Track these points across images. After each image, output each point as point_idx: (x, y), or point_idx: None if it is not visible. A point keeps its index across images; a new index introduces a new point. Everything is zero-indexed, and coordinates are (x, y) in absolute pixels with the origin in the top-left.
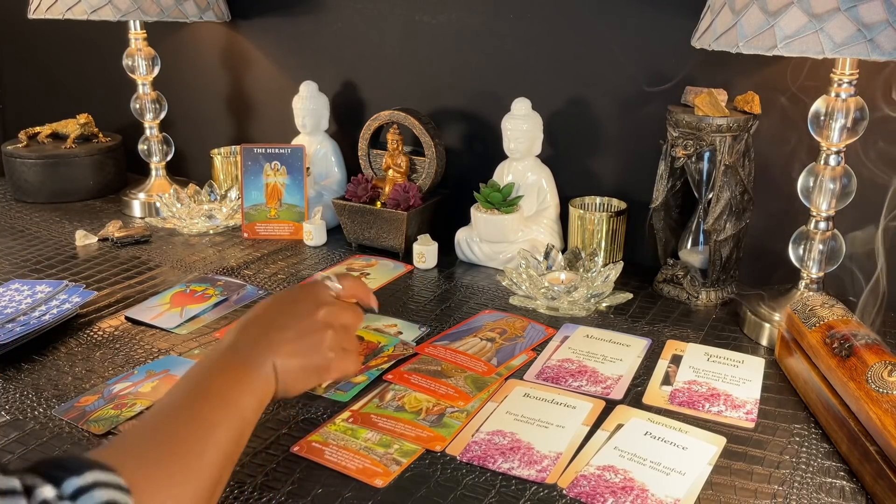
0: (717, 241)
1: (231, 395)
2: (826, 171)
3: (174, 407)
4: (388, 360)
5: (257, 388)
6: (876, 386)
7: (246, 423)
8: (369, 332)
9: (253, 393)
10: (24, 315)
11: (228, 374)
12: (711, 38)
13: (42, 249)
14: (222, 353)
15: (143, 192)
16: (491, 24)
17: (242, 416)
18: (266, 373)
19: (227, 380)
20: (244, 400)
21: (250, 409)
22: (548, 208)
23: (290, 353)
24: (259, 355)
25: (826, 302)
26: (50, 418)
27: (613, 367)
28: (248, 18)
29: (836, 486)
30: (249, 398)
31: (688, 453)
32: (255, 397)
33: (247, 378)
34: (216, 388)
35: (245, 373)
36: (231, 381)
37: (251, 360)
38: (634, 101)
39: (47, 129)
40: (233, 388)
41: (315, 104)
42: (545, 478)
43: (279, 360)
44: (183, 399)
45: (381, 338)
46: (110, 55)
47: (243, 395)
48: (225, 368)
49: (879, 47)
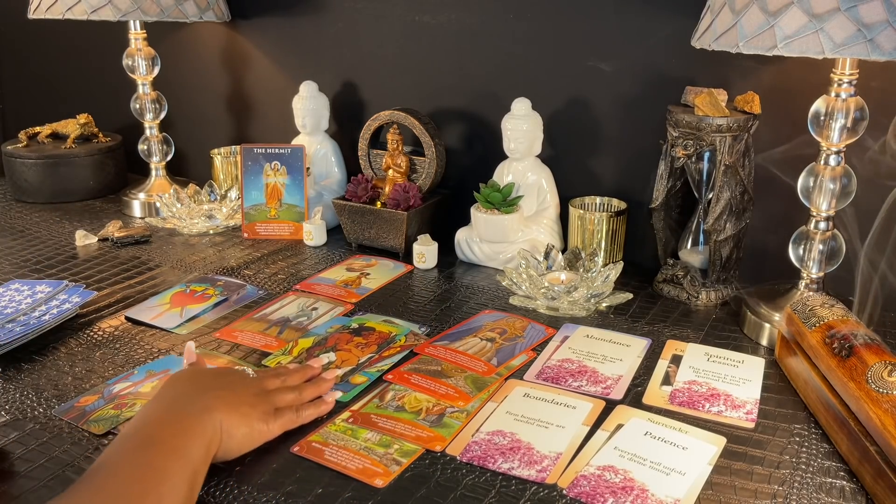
0: (717, 241)
1: (180, 443)
2: (826, 171)
3: (124, 459)
4: (401, 350)
5: (205, 437)
6: (876, 386)
7: (197, 474)
8: (381, 324)
9: (202, 441)
10: (24, 315)
11: (175, 424)
12: (711, 38)
13: (42, 249)
14: (163, 407)
15: (143, 193)
16: (491, 24)
17: (193, 465)
18: (214, 422)
19: (176, 430)
20: (194, 448)
21: (199, 457)
22: (548, 208)
23: (234, 412)
24: (205, 408)
25: (826, 302)
26: (50, 418)
27: (613, 367)
28: (248, 18)
29: (836, 486)
30: (199, 446)
31: (688, 453)
32: (204, 445)
33: (195, 427)
34: (165, 437)
35: (192, 422)
36: (179, 431)
37: (197, 410)
38: (634, 101)
39: (47, 129)
40: (181, 436)
41: (315, 104)
42: (545, 478)
43: (224, 416)
44: (132, 450)
45: (393, 328)
46: (110, 55)
47: (193, 444)
48: (170, 420)
49: (879, 47)
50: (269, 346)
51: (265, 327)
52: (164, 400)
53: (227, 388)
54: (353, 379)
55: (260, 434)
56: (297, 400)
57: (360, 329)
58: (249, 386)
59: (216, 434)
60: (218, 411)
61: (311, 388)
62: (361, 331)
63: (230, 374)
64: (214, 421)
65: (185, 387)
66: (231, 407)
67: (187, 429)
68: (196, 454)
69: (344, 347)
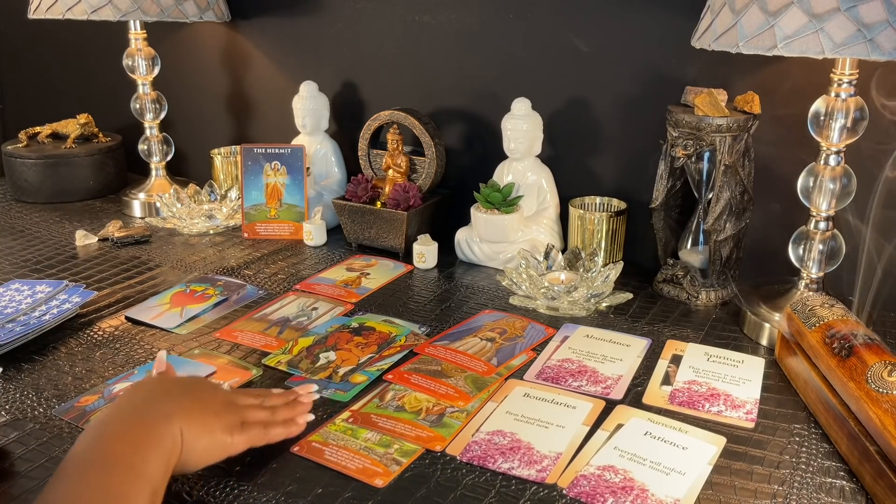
0: (716, 241)
1: (138, 459)
2: (826, 171)
3: (82, 484)
4: (401, 350)
5: (163, 448)
6: (876, 386)
7: (156, 493)
8: (381, 324)
9: (160, 454)
10: (24, 315)
11: (132, 437)
12: (711, 38)
13: (42, 249)
14: (122, 417)
15: (143, 192)
16: (491, 24)
17: (152, 484)
18: (173, 431)
19: (133, 444)
20: (152, 464)
21: (159, 474)
22: (548, 208)
23: (195, 420)
24: (165, 416)
25: (826, 302)
26: (50, 418)
27: (613, 366)
28: (248, 18)
29: (835, 485)
30: (157, 461)
31: (688, 453)
32: (164, 459)
33: (153, 438)
34: (123, 455)
35: (150, 432)
36: (137, 444)
37: (155, 418)
38: (634, 101)
39: (47, 129)
40: (139, 451)
41: (315, 104)
42: (545, 478)
43: (185, 425)
44: (89, 472)
45: (393, 328)
46: (110, 55)
47: (151, 458)
48: (127, 433)
49: (879, 47)
50: (269, 345)
51: (265, 327)
52: (124, 409)
53: (191, 396)
54: (353, 378)
55: (223, 446)
56: (269, 418)
57: (361, 329)
58: (217, 396)
59: (175, 445)
60: (178, 419)
61: (284, 408)
62: (361, 330)
63: (198, 383)
64: (174, 429)
65: (146, 393)
66: (193, 415)
67: (145, 441)
68: (154, 471)
69: (344, 347)
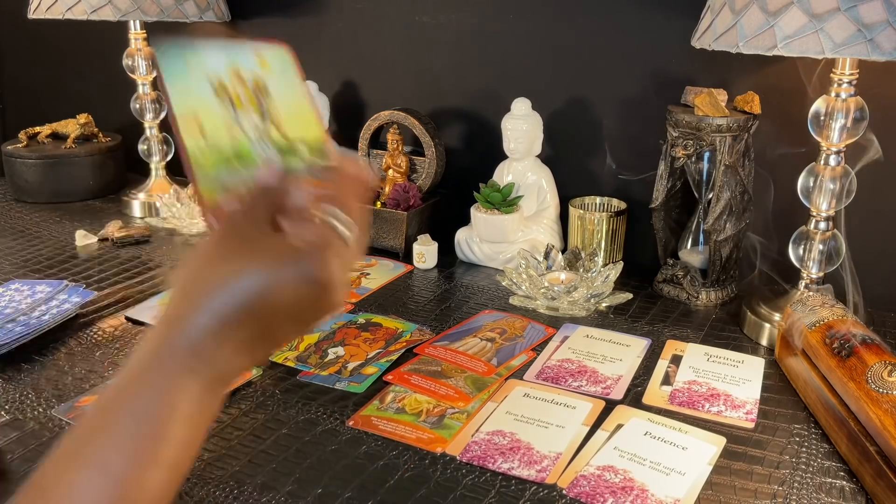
0: (716, 242)
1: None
2: (826, 171)
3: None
4: (406, 346)
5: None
6: (876, 386)
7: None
8: (387, 320)
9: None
10: (23, 315)
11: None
12: (711, 37)
13: (42, 249)
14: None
15: (143, 193)
16: (491, 24)
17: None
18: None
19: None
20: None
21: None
22: (548, 208)
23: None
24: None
25: (826, 302)
26: (50, 418)
27: (613, 367)
28: (248, 18)
29: (835, 486)
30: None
31: (688, 453)
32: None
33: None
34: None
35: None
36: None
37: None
38: (634, 101)
39: (47, 129)
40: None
41: None
42: (545, 478)
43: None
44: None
45: (399, 324)
46: (110, 55)
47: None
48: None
49: (879, 47)
50: None
51: None
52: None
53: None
54: (366, 370)
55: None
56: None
57: (367, 324)
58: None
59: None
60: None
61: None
62: (368, 326)
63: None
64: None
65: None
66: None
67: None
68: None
69: (352, 342)
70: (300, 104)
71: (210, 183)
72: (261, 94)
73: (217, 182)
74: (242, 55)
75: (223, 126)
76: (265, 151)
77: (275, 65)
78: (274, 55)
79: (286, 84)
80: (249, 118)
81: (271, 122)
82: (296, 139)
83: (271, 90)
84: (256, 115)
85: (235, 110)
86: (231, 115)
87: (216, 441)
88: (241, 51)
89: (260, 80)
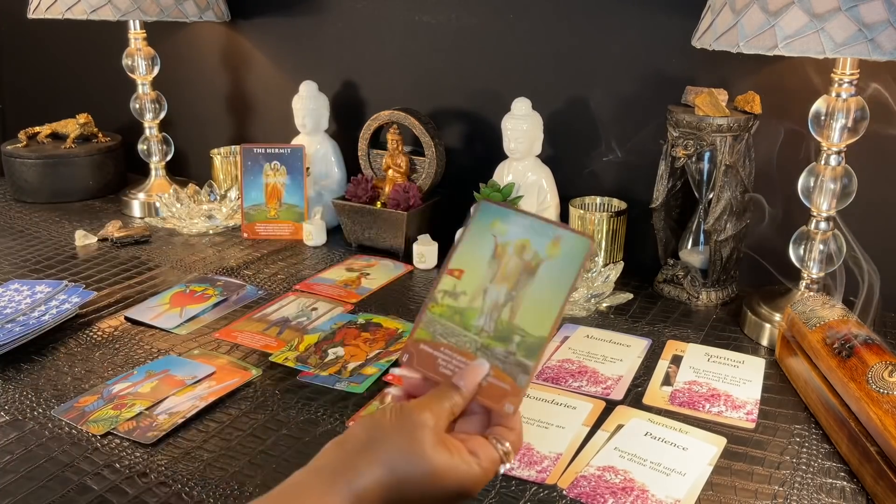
0: (717, 242)
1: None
2: (827, 171)
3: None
4: None
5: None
6: (876, 386)
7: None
8: (387, 320)
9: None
10: (23, 315)
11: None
12: (712, 37)
13: (41, 249)
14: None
15: (143, 193)
16: (491, 24)
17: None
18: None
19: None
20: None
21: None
22: (548, 208)
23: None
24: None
25: (826, 302)
26: (49, 418)
27: (613, 367)
28: (248, 18)
29: (836, 486)
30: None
31: (688, 454)
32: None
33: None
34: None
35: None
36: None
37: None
38: (634, 100)
39: (47, 129)
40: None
41: (315, 104)
42: (545, 478)
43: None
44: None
45: (399, 324)
46: (110, 55)
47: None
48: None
49: (880, 47)
50: (269, 346)
51: (265, 327)
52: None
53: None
54: (366, 371)
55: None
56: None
57: (368, 325)
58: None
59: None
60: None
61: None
62: (368, 326)
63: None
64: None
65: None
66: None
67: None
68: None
69: (351, 343)
70: (551, 301)
71: (429, 325)
72: (526, 274)
73: (433, 327)
74: (541, 232)
75: (475, 286)
76: (485, 327)
77: (565, 252)
78: (572, 244)
79: (559, 275)
80: (499, 291)
81: (511, 304)
82: (518, 328)
83: (539, 274)
84: (507, 290)
85: (494, 279)
86: (488, 280)
87: (216, 441)
88: (543, 228)
89: (537, 262)
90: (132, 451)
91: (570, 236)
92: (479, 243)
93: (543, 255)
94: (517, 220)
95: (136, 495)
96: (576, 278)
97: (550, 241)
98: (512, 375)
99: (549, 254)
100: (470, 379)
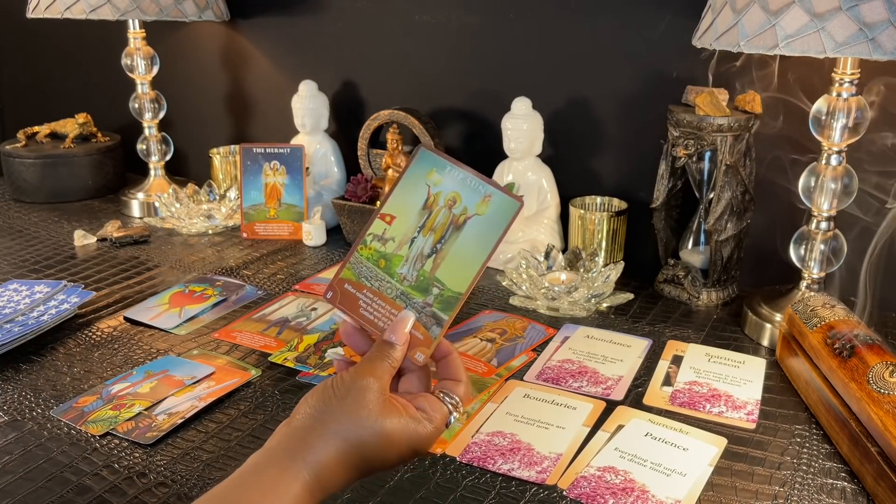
0: (717, 242)
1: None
2: (827, 170)
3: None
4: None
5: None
6: (877, 387)
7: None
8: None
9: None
10: (22, 315)
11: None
12: (712, 37)
13: (41, 249)
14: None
15: (142, 192)
16: (491, 24)
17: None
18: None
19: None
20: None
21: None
22: (548, 208)
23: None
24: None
25: (827, 302)
26: (48, 419)
27: (614, 367)
28: (247, 18)
29: (837, 487)
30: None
31: (688, 454)
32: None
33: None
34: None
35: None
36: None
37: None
38: (635, 100)
39: (46, 129)
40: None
41: (314, 104)
42: (545, 479)
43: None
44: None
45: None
46: (109, 55)
47: None
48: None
49: (881, 47)
50: (269, 346)
51: (264, 328)
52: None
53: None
54: None
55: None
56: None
57: None
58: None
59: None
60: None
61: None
62: None
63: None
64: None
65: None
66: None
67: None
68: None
69: None
70: (473, 258)
71: (355, 266)
72: (453, 228)
73: (359, 268)
74: (473, 188)
75: (403, 233)
76: (407, 275)
77: (493, 211)
78: (501, 204)
79: (484, 232)
80: (425, 241)
81: (435, 256)
82: (438, 281)
83: (465, 230)
84: (432, 242)
85: (421, 229)
86: (416, 229)
87: (215, 442)
88: (476, 184)
89: (464, 217)
90: (131, 451)
91: (499, 195)
92: (413, 191)
93: (472, 211)
94: (452, 172)
95: (136, 496)
96: (499, 238)
97: (481, 198)
98: (426, 326)
99: (478, 210)
100: (400, 331)
